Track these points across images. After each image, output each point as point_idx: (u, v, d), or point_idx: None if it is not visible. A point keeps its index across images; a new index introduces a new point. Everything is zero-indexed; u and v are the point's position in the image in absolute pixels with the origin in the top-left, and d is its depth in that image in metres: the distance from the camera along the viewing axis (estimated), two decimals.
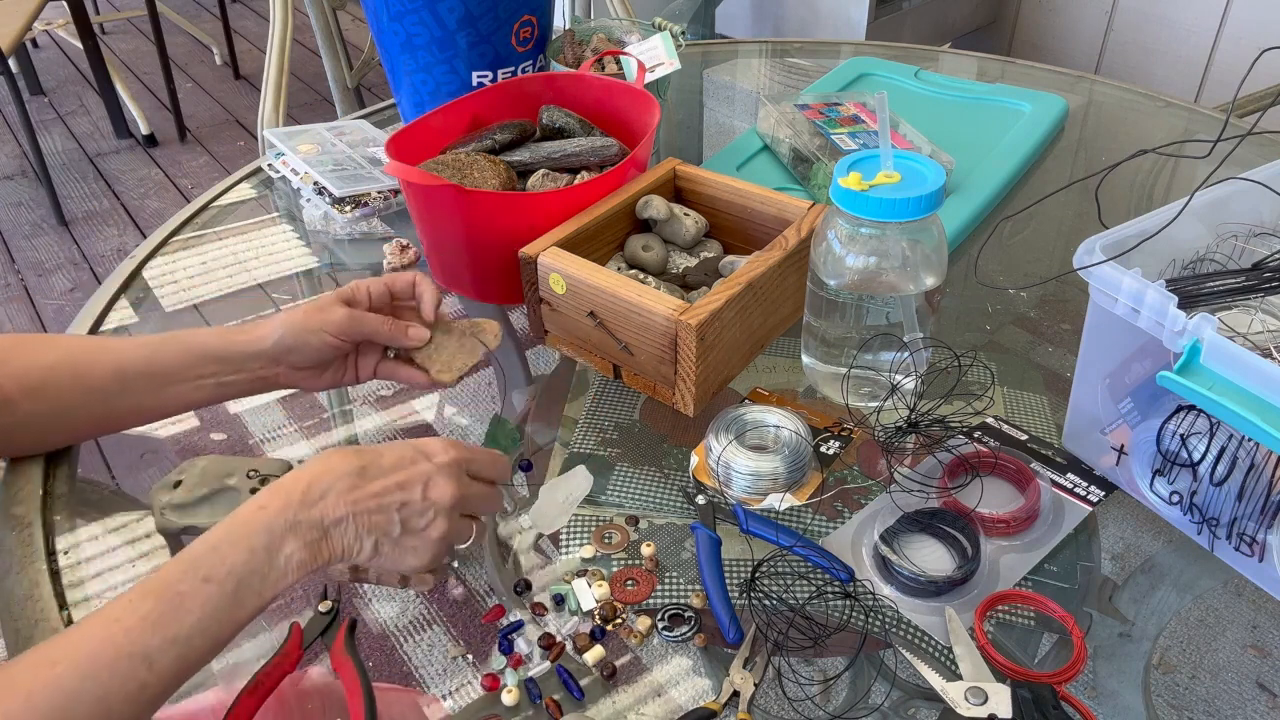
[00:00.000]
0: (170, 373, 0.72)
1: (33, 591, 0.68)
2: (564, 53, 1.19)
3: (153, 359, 0.72)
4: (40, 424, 0.72)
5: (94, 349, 0.72)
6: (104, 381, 0.71)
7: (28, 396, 0.69)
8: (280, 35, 1.61)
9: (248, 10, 4.43)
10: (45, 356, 0.70)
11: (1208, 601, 0.68)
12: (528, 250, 0.83)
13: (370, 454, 0.60)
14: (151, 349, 0.72)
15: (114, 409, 0.72)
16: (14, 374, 0.68)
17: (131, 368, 0.71)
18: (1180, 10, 2.52)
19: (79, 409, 0.71)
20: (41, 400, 0.70)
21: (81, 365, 0.70)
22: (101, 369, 0.71)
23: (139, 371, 0.71)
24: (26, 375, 0.69)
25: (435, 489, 0.61)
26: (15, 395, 0.69)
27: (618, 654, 0.66)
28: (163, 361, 0.72)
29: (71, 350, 0.71)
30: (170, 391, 0.72)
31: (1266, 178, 0.72)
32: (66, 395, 0.70)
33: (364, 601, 0.71)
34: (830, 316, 0.80)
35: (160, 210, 2.92)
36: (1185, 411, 0.66)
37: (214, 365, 0.73)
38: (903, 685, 0.63)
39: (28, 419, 0.70)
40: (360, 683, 0.59)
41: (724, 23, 2.83)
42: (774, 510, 0.75)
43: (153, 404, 0.73)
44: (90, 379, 0.70)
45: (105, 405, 0.72)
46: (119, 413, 0.73)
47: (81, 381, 0.70)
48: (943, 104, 1.30)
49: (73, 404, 0.71)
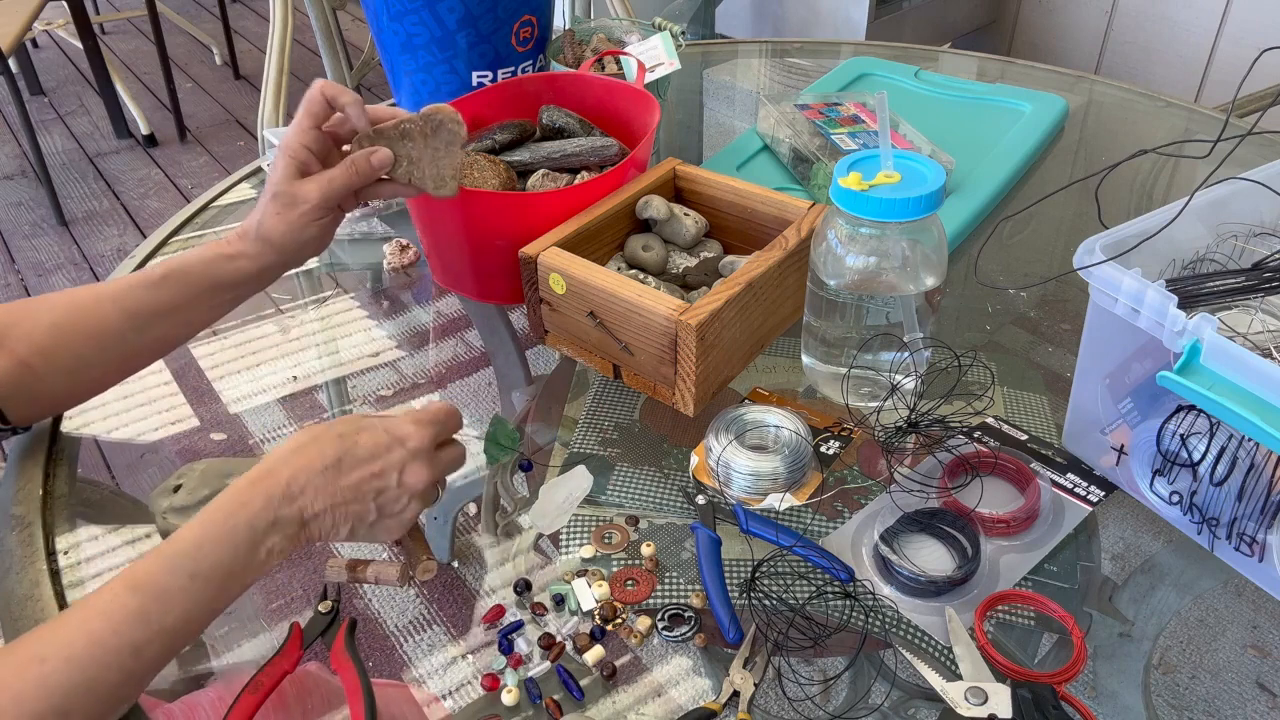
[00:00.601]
0: (178, 307, 0.73)
1: (33, 591, 0.68)
2: (564, 53, 1.19)
3: (156, 298, 0.72)
4: (62, 381, 0.71)
5: (93, 299, 0.71)
6: (115, 328, 0.71)
7: (42, 357, 0.69)
8: (280, 35, 1.61)
9: (248, 10, 4.43)
10: (49, 315, 0.70)
11: (1208, 601, 0.68)
12: (528, 250, 0.84)
13: (346, 442, 0.61)
14: (151, 289, 0.72)
15: (128, 350, 0.72)
16: (23, 337, 0.68)
17: (137, 310, 0.71)
18: (1180, 10, 2.52)
19: (95, 357, 0.71)
20: (57, 358, 0.69)
21: (87, 317, 0.70)
22: (108, 317, 0.71)
23: (145, 313, 0.71)
24: (34, 336, 0.69)
25: (410, 475, 0.62)
26: (29, 358, 0.68)
27: (618, 654, 0.66)
28: (166, 299, 0.72)
29: (73, 304, 0.71)
30: (181, 320, 0.73)
31: (1266, 178, 0.72)
32: (80, 348, 0.70)
33: (364, 601, 0.71)
34: (830, 316, 0.80)
35: (160, 210, 2.92)
36: (1185, 411, 0.66)
37: (219, 292, 0.74)
38: (903, 685, 0.63)
39: (48, 379, 0.70)
40: (360, 682, 0.59)
41: (724, 23, 2.83)
42: (774, 510, 0.75)
43: (166, 338, 0.74)
44: (100, 326, 0.70)
45: (120, 349, 0.72)
46: (137, 351, 0.73)
47: (92, 330, 0.70)
48: (943, 104, 1.30)
49: (88, 355, 0.70)
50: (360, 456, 0.60)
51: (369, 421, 0.63)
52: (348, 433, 0.61)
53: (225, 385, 0.92)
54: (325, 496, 0.59)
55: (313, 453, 0.59)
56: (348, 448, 0.60)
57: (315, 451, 0.60)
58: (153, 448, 0.85)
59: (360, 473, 0.60)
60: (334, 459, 0.60)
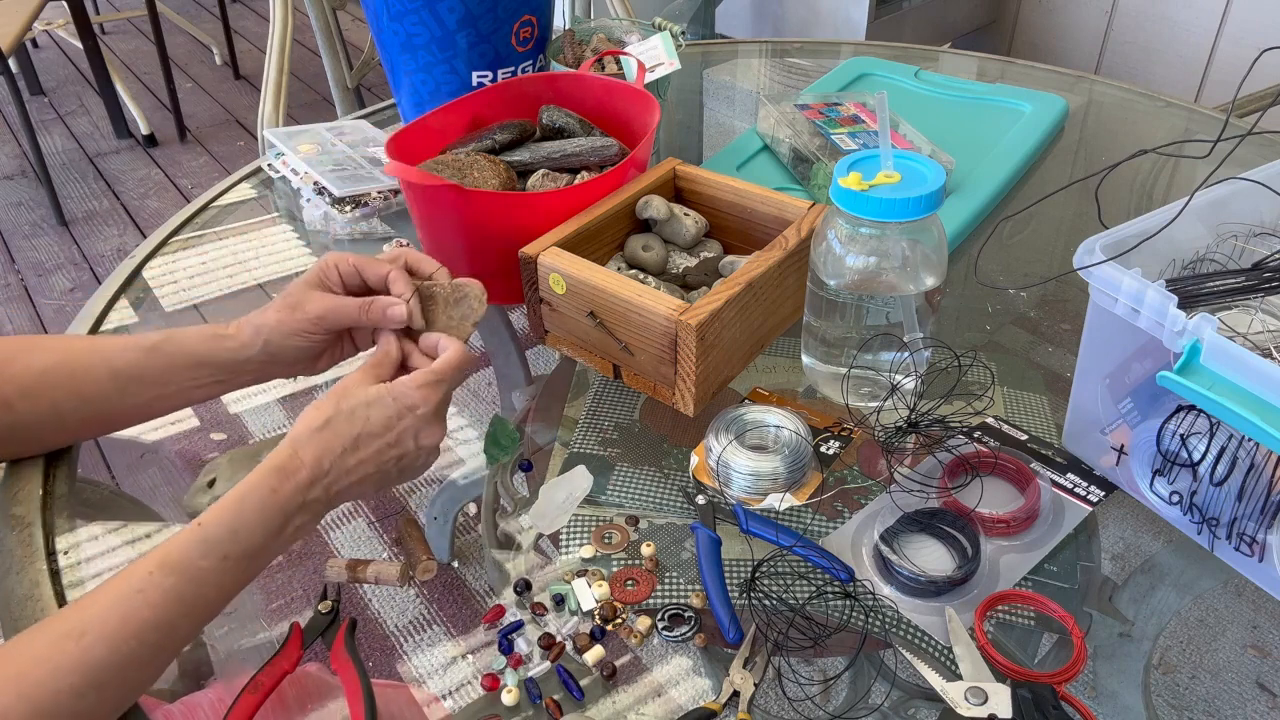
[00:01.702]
0: (163, 378, 0.72)
1: (33, 591, 0.68)
2: (564, 53, 1.19)
3: (145, 364, 0.71)
4: (37, 426, 0.72)
5: (87, 351, 0.72)
6: (98, 385, 0.71)
7: (24, 399, 0.69)
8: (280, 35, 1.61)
9: (248, 10, 4.43)
10: (39, 360, 0.70)
11: (1208, 601, 0.68)
12: (528, 250, 0.84)
13: (359, 419, 0.63)
14: (143, 353, 0.71)
15: (110, 410, 0.72)
16: (11, 377, 0.69)
17: (125, 372, 0.71)
18: (1180, 10, 2.52)
19: (75, 411, 0.71)
20: (38, 402, 0.70)
21: (76, 369, 0.70)
22: (96, 373, 0.71)
23: (132, 376, 0.71)
24: (22, 378, 0.69)
25: (426, 436, 0.66)
26: (12, 398, 0.69)
27: (618, 654, 0.66)
28: (155, 367, 0.71)
29: (66, 353, 0.71)
30: (166, 392, 0.72)
31: (1266, 178, 0.72)
32: (61, 398, 0.70)
33: (364, 601, 0.71)
34: (830, 316, 0.80)
35: (160, 210, 2.92)
36: (1185, 411, 0.66)
37: (206, 370, 0.72)
38: (903, 685, 0.63)
39: (24, 421, 0.70)
40: (360, 682, 0.59)
41: (724, 23, 2.83)
42: (774, 510, 0.75)
43: (148, 406, 0.73)
44: (84, 383, 0.70)
45: (101, 407, 0.72)
46: (115, 414, 0.73)
47: (76, 385, 0.70)
48: (943, 104, 1.30)
49: (68, 407, 0.71)
50: (374, 431, 0.63)
51: (377, 393, 0.65)
52: (359, 408, 0.63)
53: None
54: (348, 474, 0.62)
55: (330, 434, 0.62)
56: (362, 424, 0.63)
57: (332, 433, 0.62)
58: (153, 448, 0.85)
59: (377, 445, 0.64)
60: (351, 439, 0.63)
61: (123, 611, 0.54)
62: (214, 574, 0.57)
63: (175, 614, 0.55)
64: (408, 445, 0.65)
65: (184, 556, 0.56)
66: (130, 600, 0.54)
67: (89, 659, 0.52)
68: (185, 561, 0.56)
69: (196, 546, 0.57)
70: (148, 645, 0.54)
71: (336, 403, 0.63)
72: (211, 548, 0.57)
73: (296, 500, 0.60)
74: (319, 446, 0.61)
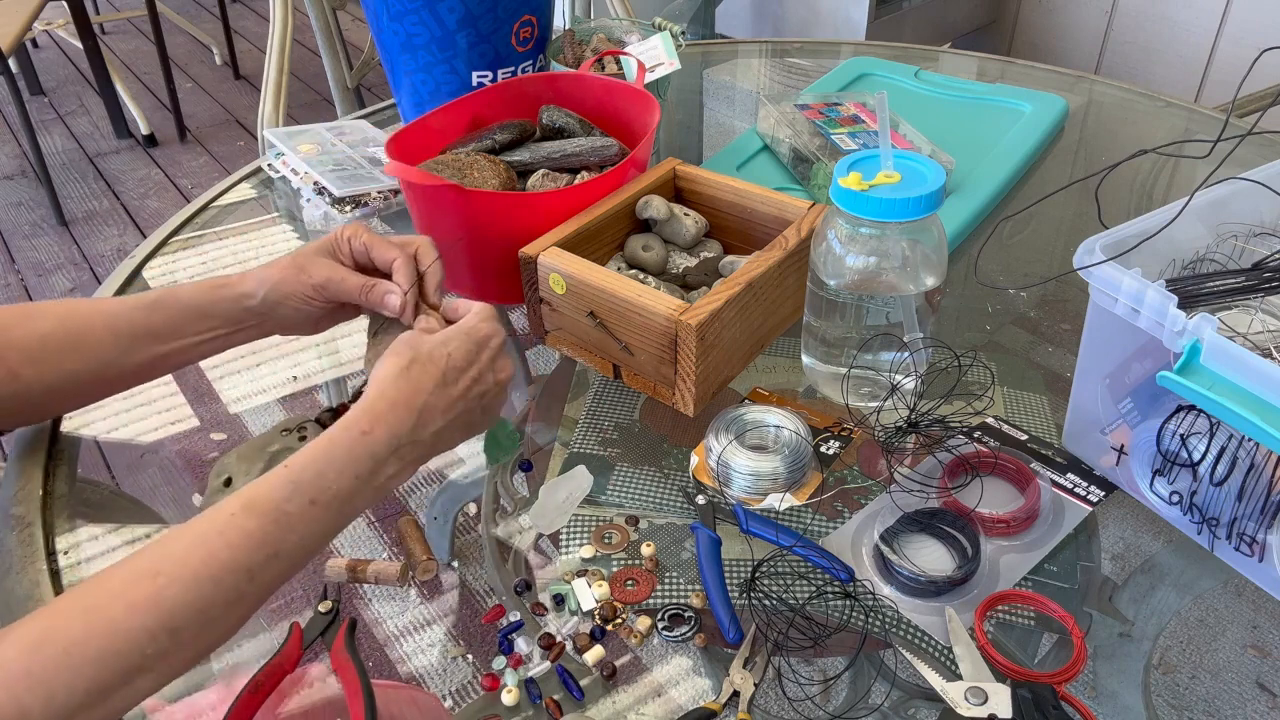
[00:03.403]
0: (166, 333, 0.72)
1: (33, 591, 0.68)
2: (564, 53, 1.19)
3: (149, 321, 0.71)
4: (44, 391, 0.71)
5: (88, 314, 0.72)
6: (102, 347, 0.70)
7: (29, 364, 0.69)
8: (280, 35, 1.61)
9: (248, 10, 4.43)
10: (40, 325, 0.70)
11: (1208, 601, 0.68)
12: (528, 250, 0.84)
13: (440, 357, 0.63)
14: (145, 310, 0.72)
15: (114, 370, 0.72)
16: (14, 344, 0.68)
17: (127, 330, 0.71)
18: (1180, 10, 2.52)
19: (80, 373, 0.71)
20: (43, 367, 0.69)
21: (78, 331, 0.70)
22: (98, 334, 0.70)
23: (135, 334, 0.71)
24: (26, 345, 0.69)
25: (501, 370, 0.67)
26: (16, 364, 0.68)
27: (618, 654, 0.66)
28: (158, 322, 0.72)
29: (67, 316, 0.71)
30: (169, 349, 0.72)
31: (1266, 178, 0.72)
32: (66, 361, 0.70)
33: (364, 601, 0.71)
34: (830, 316, 0.80)
35: (160, 210, 2.92)
36: (1185, 411, 0.66)
37: (208, 322, 0.72)
38: (903, 685, 0.63)
39: (31, 388, 0.70)
40: (360, 682, 0.59)
41: (724, 23, 2.83)
42: (774, 510, 0.75)
43: (151, 365, 0.73)
44: (87, 344, 0.70)
45: (105, 368, 0.71)
46: (120, 373, 0.73)
47: (79, 347, 0.70)
48: (943, 104, 1.30)
49: (74, 369, 0.70)
50: (459, 365, 0.64)
51: (451, 332, 0.65)
52: (437, 348, 0.64)
53: (225, 385, 0.92)
54: (443, 413, 0.62)
55: (418, 372, 0.62)
56: (445, 361, 0.63)
57: (420, 371, 0.62)
58: (153, 448, 0.85)
59: (465, 381, 0.64)
60: (439, 376, 0.62)
61: (203, 553, 0.51)
62: (300, 519, 0.54)
63: (257, 559, 0.52)
64: (488, 380, 0.65)
65: (270, 499, 0.54)
66: (210, 543, 0.52)
67: (165, 599, 0.50)
68: (269, 504, 0.54)
69: (283, 489, 0.55)
70: (227, 589, 0.51)
71: (411, 349, 0.63)
72: (298, 489, 0.55)
73: (390, 444, 0.58)
74: (410, 385, 0.61)
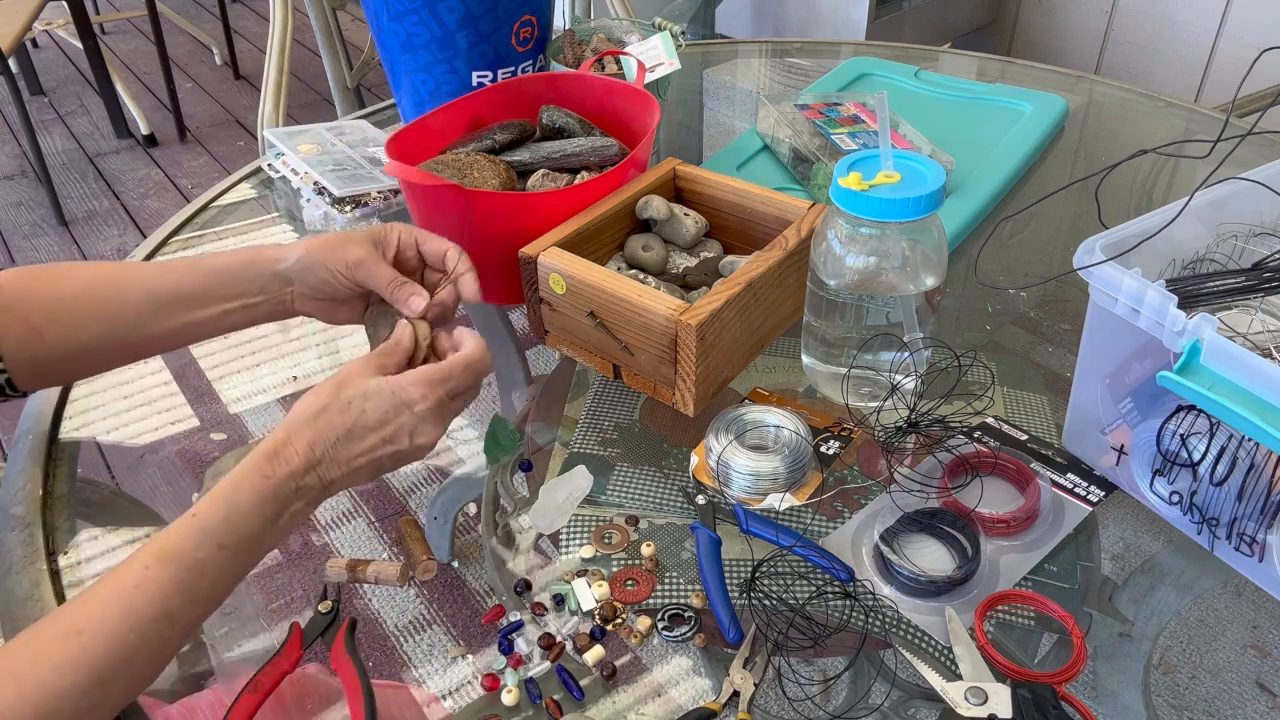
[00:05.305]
0: (197, 297, 0.72)
1: (33, 591, 0.68)
2: (564, 53, 1.19)
3: (180, 284, 0.71)
4: (67, 353, 0.70)
5: (121, 277, 0.71)
6: (131, 309, 0.70)
7: (53, 325, 0.68)
8: (280, 35, 1.61)
9: (248, 10, 4.43)
10: (70, 285, 0.70)
11: (1208, 601, 0.68)
12: (528, 250, 0.83)
13: (355, 411, 0.62)
14: (179, 274, 0.72)
15: (139, 334, 0.72)
16: (40, 303, 0.68)
17: (160, 294, 0.71)
18: (1180, 10, 2.52)
19: (105, 335, 0.70)
20: (68, 328, 0.69)
21: (108, 293, 0.70)
22: (129, 296, 0.70)
23: (166, 298, 0.71)
24: (52, 304, 0.68)
25: (421, 435, 0.64)
26: (41, 324, 0.68)
27: (618, 654, 0.66)
28: (189, 286, 0.71)
29: (98, 278, 0.71)
30: (197, 316, 0.72)
31: (1266, 178, 0.72)
32: (92, 323, 0.70)
33: (364, 601, 0.71)
34: (830, 316, 0.80)
35: (160, 210, 2.92)
36: (1185, 411, 0.66)
37: (238, 287, 0.72)
38: (903, 685, 0.63)
39: (55, 348, 0.69)
40: (360, 682, 0.59)
41: (724, 23, 2.83)
42: (774, 510, 0.75)
43: (179, 330, 0.73)
44: (117, 306, 0.70)
45: (131, 332, 0.71)
46: (146, 337, 0.72)
47: (107, 309, 0.70)
48: (943, 104, 1.30)
49: (98, 332, 0.70)
50: (369, 425, 0.62)
51: (376, 385, 0.63)
52: (355, 400, 0.62)
53: (225, 385, 0.92)
54: (340, 464, 0.61)
55: (324, 423, 0.61)
56: (356, 417, 0.62)
57: (326, 422, 0.61)
58: (153, 448, 0.85)
59: (372, 439, 0.62)
60: (344, 430, 0.61)
61: (121, 606, 0.53)
62: (211, 564, 0.56)
63: (175, 606, 0.54)
64: (402, 443, 0.63)
65: (179, 547, 0.55)
66: (128, 595, 0.53)
67: (90, 655, 0.51)
68: (181, 552, 0.55)
69: (192, 536, 0.56)
70: (149, 638, 0.53)
71: (335, 391, 0.62)
72: (207, 537, 0.56)
73: (290, 486, 0.59)
74: (312, 434, 0.61)
